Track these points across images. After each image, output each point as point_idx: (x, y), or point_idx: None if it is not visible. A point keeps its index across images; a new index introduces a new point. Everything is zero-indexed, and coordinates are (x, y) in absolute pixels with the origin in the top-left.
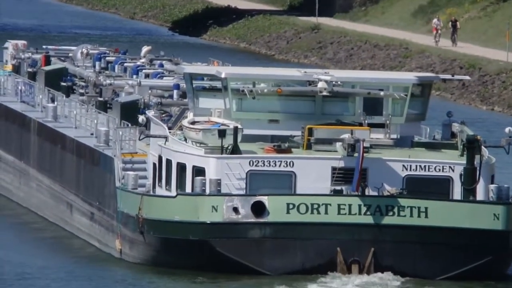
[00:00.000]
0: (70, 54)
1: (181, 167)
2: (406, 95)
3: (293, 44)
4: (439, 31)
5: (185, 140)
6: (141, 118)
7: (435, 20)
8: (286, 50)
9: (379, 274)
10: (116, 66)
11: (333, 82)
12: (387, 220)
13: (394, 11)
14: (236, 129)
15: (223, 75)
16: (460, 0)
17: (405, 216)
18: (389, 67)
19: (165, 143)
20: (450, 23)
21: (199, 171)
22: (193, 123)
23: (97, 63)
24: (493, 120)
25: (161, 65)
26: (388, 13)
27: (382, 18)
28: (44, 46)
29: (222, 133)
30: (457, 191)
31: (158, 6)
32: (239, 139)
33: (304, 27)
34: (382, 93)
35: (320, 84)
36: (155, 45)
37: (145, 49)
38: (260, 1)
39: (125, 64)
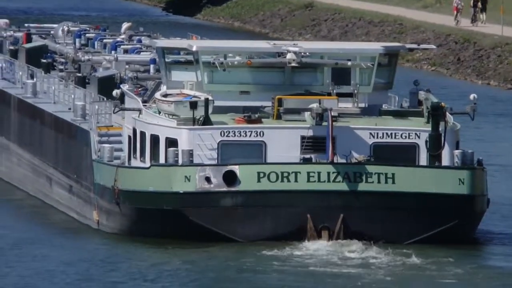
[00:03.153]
0: (52, 32)
1: (155, 139)
2: (373, 65)
3: (287, 22)
4: (460, 11)
5: (159, 112)
6: (115, 91)
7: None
8: (280, 28)
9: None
10: (96, 43)
11: (302, 53)
12: (356, 186)
13: None
14: (207, 101)
15: (194, 48)
16: None
17: (372, 182)
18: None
19: (139, 116)
20: (472, 2)
21: (172, 142)
22: (165, 95)
23: (77, 40)
24: (489, 94)
25: (140, 41)
26: None
27: None
28: (26, 24)
29: (193, 105)
30: (423, 157)
31: None
32: (210, 110)
33: (298, 4)
34: (349, 63)
35: (289, 56)
36: (149, 25)
37: (125, 25)
38: None
39: (104, 40)
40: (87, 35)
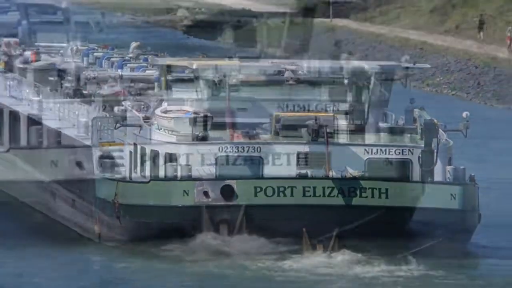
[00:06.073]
0: (61, 51)
1: (155, 154)
2: (369, 83)
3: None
4: None
5: (159, 128)
6: (116, 108)
7: (510, 28)
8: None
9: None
10: (103, 61)
11: (299, 71)
12: (350, 201)
13: (410, 12)
14: (206, 117)
15: (194, 66)
16: (475, 2)
17: (367, 197)
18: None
19: (139, 131)
20: None
21: (171, 158)
22: (165, 112)
23: (85, 59)
24: (509, 117)
25: (146, 60)
26: (404, 15)
27: (397, 20)
28: (36, 44)
29: (193, 121)
30: (416, 173)
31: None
32: (209, 126)
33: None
34: (346, 81)
35: (287, 73)
36: (166, 48)
37: (133, 44)
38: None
39: (112, 59)
40: (95, 54)
